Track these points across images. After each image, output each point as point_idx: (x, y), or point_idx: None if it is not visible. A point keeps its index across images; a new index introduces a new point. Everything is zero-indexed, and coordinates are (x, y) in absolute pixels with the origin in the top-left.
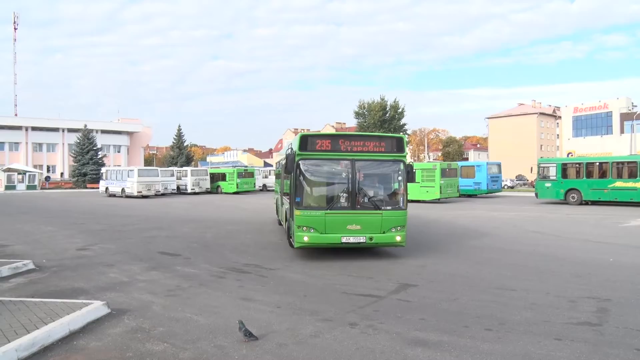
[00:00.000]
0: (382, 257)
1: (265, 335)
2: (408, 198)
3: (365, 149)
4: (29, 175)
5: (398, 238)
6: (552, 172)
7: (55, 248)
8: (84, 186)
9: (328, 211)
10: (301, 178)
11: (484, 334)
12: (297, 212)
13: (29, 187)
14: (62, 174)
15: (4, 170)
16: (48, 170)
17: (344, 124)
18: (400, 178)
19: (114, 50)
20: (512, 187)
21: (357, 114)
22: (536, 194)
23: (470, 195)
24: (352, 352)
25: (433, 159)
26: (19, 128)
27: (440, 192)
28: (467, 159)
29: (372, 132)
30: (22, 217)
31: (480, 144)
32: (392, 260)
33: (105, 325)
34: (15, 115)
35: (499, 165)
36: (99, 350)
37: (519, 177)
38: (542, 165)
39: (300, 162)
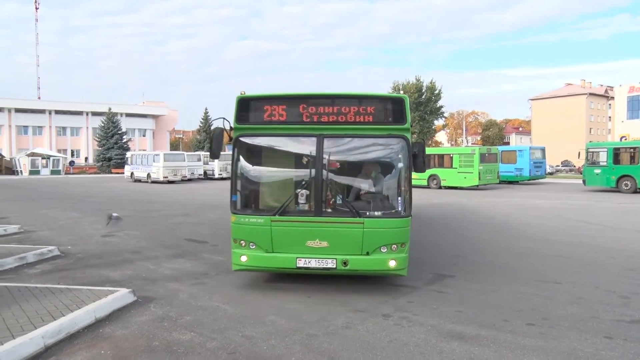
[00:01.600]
0: (415, 246)
1: (295, 326)
2: (411, 197)
3: (342, 119)
4: (53, 160)
5: (392, 263)
6: (603, 157)
7: (81, 234)
8: (109, 171)
9: (276, 217)
10: (239, 165)
11: (525, 328)
12: (232, 218)
13: (53, 172)
14: (86, 158)
15: (28, 155)
16: (72, 155)
17: None
18: (400, 165)
19: (137, 30)
20: (550, 174)
21: None
22: (584, 181)
23: (511, 182)
24: (385, 345)
25: (472, 143)
26: (42, 112)
27: (479, 179)
28: (508, 143)
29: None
30: (47, 202)
31: (523, 128)
32: (428, 249)
33: (131, 313)
34: (39, 98)
35: (542, 150)
36: (125, 339)
37: (565, 163)
38: (591, 150)
39: (239, 139)
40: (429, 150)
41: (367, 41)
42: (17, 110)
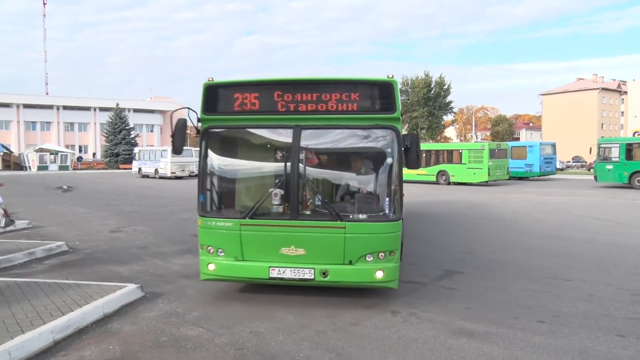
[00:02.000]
0: (424, 243)
1: (303, 322)
2: (402, 197)
3: (321, 108)
4: (61, 156)
5: (379, 274)
6: (615, 153)
7: (89, 230)
8: (117, 167)
9: (246, 221)
10: (207, 162)
11: (535, 326)
12: (199, 222)
13: (61, 168)
14: (94, 154)
15: (36, 151)
16: (80, 150)
17: None
18: (389, 160)
19: (145, 25)
20: (561, 170)
21: (401, 91)
22: (595, 177)
23: (521, 178)
24: (394, 342)
25: (481, 139)
26: (50, 107)
27: (489, 174)
28: (518, 138)
29: (415, 109)
30: (55, 198)
31: (533, 123)
32: (436, 246)
33: (139, 308)
34: (47, 94)
35: (553, 145)
36: (133, 334)
37: (576, 159)
38: (602, 145)
39: (206, 132)
40: (437, 146)
41: (375, 36)
42: (26, 106)
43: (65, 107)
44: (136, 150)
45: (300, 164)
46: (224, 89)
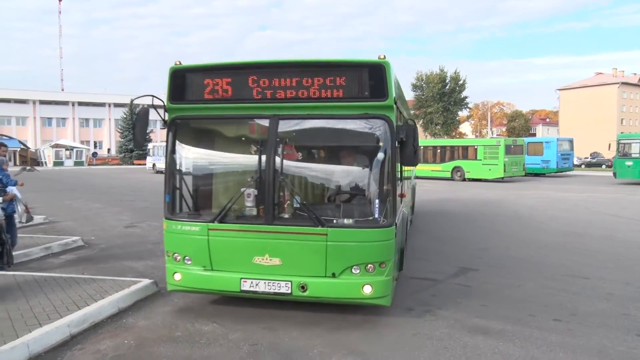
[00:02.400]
0: (439, 239)
1: (317, 318)
2: (395, 199)
3: (302, 94)
4: (76, 151)
5: (367, 289)
6: (635, 149)
7: (103, 225)
8: (131, 162)
9: (214, 225)
10: (175, 157)
11: (552, 324)
12: (164, 225)
13: (76, 163)
14: (109, 149)
15: (52, 146)
16: (95, 146)
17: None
18: (380, 156)
19: (158, 21)
20: (578, 166)
21: (415, 87)
22: (614, 174)
23: (537, 174)
24: (408, 338)
25: (497, 135)
26: (65, 103)
27: (504, 171)
28: (534, 134)
29: (430, 105)
30: (71, 193)
31: (550, 119)
32: (451, 242)
33: (154, 303)
34: (62, 90)
35: (570, 141)
36: (148, 329)
37: (594, 155)
38: (622, 141)
39: (173, 123)
40: (452, 142)
41: (389, 31)
42: (42, 102)
43: (80, 103)
44: (150, 146)
45: (278, 160)
46: (192, 73)
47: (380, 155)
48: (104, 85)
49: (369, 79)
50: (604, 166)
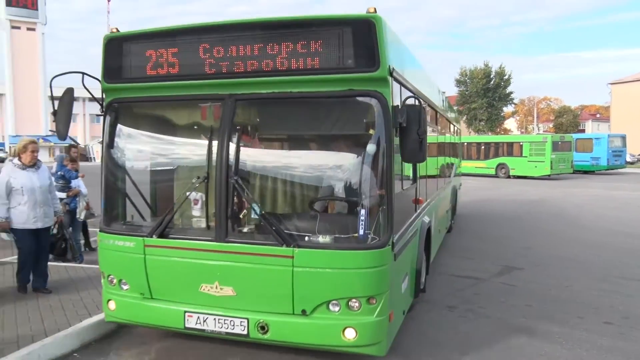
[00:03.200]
0: (482, 237)
1: None
2: (392, 208)
3: (267, 66)
4: None
5: (350, 334)
6: None
7: None
8: None
9: (151, 240)
10: (112, 152)
11: (602, 327)
12: (97, 238)
13: None
14: None
15: (100, 143)
16: None
17: (444, 92)
18: (369, 148)
19: (204, 18)
20: (631, 163)
21: (459, 82)
22: None
23: (586, 172)
24: (450, 337)
25: (543, 131)
26: None
27: (551, 168)
28: (583, 130)
29: (474, 101)
30: None
31: (601, 114)
32: (494, 240)
33: None
34: None
35: (623, 137)
36: None
37: None
38: None
39: (111, 107)
40: (497, 138)
41: (433, 26)
42: (91, 100)
43: None
44: None
45: (232, 154)
46: (131, 43)
47: (371, 148)
48: None
49: (353, 42)
50: None
